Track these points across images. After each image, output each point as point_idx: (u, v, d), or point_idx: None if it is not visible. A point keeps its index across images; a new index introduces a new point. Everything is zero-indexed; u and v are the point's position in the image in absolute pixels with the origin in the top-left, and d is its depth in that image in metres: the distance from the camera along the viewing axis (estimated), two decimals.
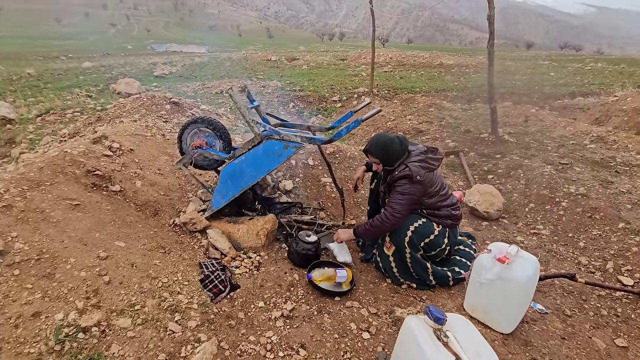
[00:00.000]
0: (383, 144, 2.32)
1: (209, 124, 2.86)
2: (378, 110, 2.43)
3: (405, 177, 2.24)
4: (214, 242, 2.58)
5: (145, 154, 3.38)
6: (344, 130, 2.50)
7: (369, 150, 2.38)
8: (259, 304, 2.16)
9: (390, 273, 2.47)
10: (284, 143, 2.56)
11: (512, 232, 3.22)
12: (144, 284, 2.04)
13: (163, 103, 4.73)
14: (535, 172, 4.02)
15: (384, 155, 2.32)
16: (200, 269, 2.31)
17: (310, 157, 4.20)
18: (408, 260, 2.37)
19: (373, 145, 2.36)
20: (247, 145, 2.68)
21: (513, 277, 1.91)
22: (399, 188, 2.24)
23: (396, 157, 2.31)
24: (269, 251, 2.71)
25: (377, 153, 2.34)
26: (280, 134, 2.59)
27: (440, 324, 1.42)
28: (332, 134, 2.56)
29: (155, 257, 2.30)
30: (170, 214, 2.84)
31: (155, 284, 2.08)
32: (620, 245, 2.75)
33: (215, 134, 2.89)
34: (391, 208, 2.24)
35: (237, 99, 2.58)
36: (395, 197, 2.25)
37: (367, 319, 2.12)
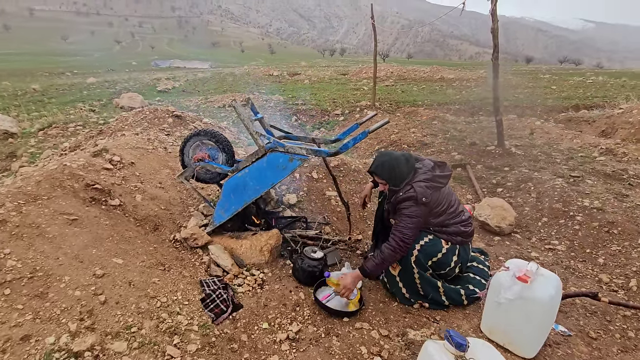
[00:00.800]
0: (389, 164, 2.21)
1: (211, 136, 2.80)
2: (386, 122, 2.36)
3: (410, 199, 2.12)
4: (215, 258, 2.47)
5: (146, 167, 3.30)
6: (351, 142, 2.42)
7: (375, 172, 2.28)
8: (262, 325, 2.04)
9: (400, 295, 2.34)
10: (289, 156, 2.48)
11: (526, 248, 3.09)
12: (142, 304, 1.92)
13: (165, 116, 4.70)
14: (546, 185, 3.91)
15: (390, 176, 2.22)
16: (201, 287, 2.20)
17: (315, 170, 4.12)
18: (417, 281, 2.25)
19: (378, 167, 2.25)
20: (250, 158, 2.60)
21: (535, 296, 1.78)
22: (405, 211, 2.12)
23: (402, 177, 2.21)
24: (272, 268, 2.59)
25: (383, 174, 2.24)
26: (284, 147, 2.51)
27: (462, 350, 1.30)
28: (338, 147, 2.48)
29: (154, 274, 2.19)
30: (170, 228, 2.74)
31: (154, 303, 1.97)
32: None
33: (218, 146, 2.82)
34: (400, 233, 2.11)
35: (241, 111, 2.52)
36: (402, 220, 2.13)
37: (379, 342, 1.98)
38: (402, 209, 2.14)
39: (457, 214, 2.34)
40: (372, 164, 2.30)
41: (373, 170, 2.28)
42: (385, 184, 2.27)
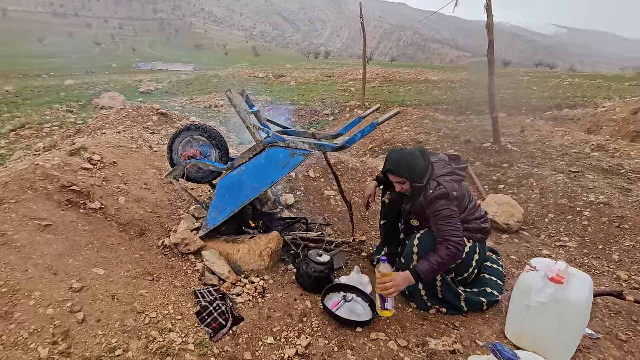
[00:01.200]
0: (406, 161, 2.01)
1: (203, 131, 2.55)
2: (397, 112, 2.18)
3: (442, 197, 1.95)
4: (210, 265, 2.23)
5: (130, 167, 3.02)
6: (358, 135, 2.23)
7: (393, 171, 2.05)
8: (267, 340, 1.81)
9: (418, 297, 2.16)
10: (290, 151, 2.27)
11: (537, 246, 2.97)
12: (128, 321, 1.67)
13: (150, 114, 4.40)
14: (549, 180, 3.83)
15: (411, 174, 2.02)
16: (195, 299, 1.95)
17: (312, 169, 3.92)
18: (438, 285, 2.07)
19: (395, 164, 2.03)
20: (247, 155, 2.38)
21: (570, 299, 1.63)
22: (444, 212, 1.93)
23: (423, 172, 2.03)
24: (274, 274, 2.36)
25: (403, 173, 2.02)
26: (285, 141, 2.30)
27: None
28: (345, 140, 2.28)
29: (142, 286, 1.93)
30: (159, 234, 2.47)
31: (142, 320, 1.71)
32: None
33: (211, 142, 2.57)
34: (453, 237, 1.90)
35: (237, 102, 2.29)
36: (446, 223, 1.92)
37: (398, 355, 1.78)
38: (438, 211, 1.95)
39: (475, 209, 2.19)
40: (386, 163, 2.08)
41: (391, 169, 2.05)
42: (404, 182, 2.07)
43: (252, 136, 2.33)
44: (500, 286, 2.30)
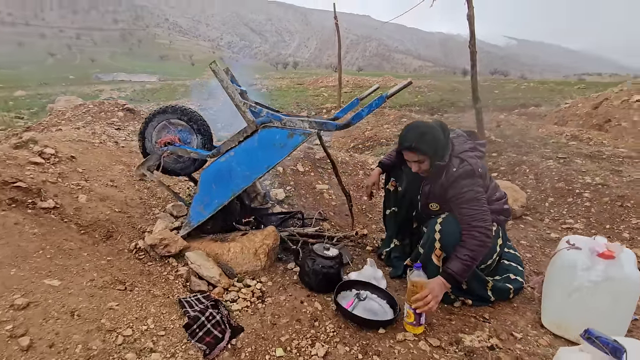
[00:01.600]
0: (430, 135, 1.75)
1: (182, 114, 2.19)
2: (408, 83, 1.94)
3: (468, 176, 1.72)
4: (196, 268, 1.85)
5: (92, 162, 2.58)
6: (365, 110, 1.98)
7: (415, 147, 1.76)
8: (276, 352, 1.47)
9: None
10: (288, 131, 1.97)
11: (544, 229, 2.84)
12: (93, 343, 1.27)
13: (115, 110, 3.92)
14: (541, 166, 3.77)
15: (435, 149, 1.76)
16: (181, 309, 1.58)
17: (299, 162, 3.62)
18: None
19: (419, 139, 1.75)
20: (237, 138, 2.05)
21: (624, 274, 1.43)
22: (469, 193, 1.70)
23: (445, 148, 1.80)
24: (272, 275, 2.03)
25: (427, 148, 1.75)
26: (282, 120, 2.00)
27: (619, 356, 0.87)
28: (349, 117, 2.02)
29: (111, 297, 1.53)
30: (130, 236, 2.07)
31: (112, 340, 1.32)
32: None
33: (192, 127, 2.22)
34: (481, 222, 1.67)
35: (223, 76, 1.97)
36: (473, 206, 1.69)
37: (432, 356, 1.51)
38: (462, 193, 1.71)
39: (496, 189, 1.99)
40: (406, 138, 1.79)
41: (412, 146, 1.76)
42: (423, 161, 1.81)
43: (242, 115, 2.01)
44: (521, 272, 2.11)
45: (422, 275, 1.63)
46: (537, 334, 1.71)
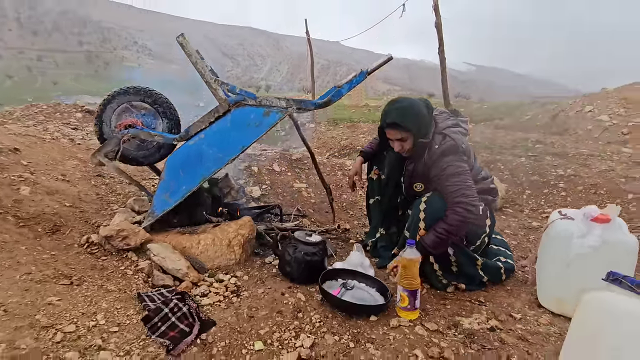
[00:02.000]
0: (413, 110, 1.67)
1: (146, 96, 2.00)
2: (389, 58, 1.88)
3: (450, 151, 1.65)
4: (160, 261, 1.62)
5: (40, 156, 2.29)
6: (345, 87, 1.89)
7: (398, 124, 1.67)
8: (255, 345, 1.25)
9: (431, 274, 1.76)
10: (264, 109, 1.83)
11: (525, 219, 2.82)
12: (22, 341, 1.02)
13: (72, 111, 3.62)
14: (514, 163, 3.85)
15: (419, 125, 1.68)
16: (141, 303, 1.33)
17: (275, 162, 3.46)
18: (451, 254, 1.70)
19: (401, 114, 1.66)
20: (207, 118, 1.88)
21: (623, 238, 1.37)
22: (451, 169, 1.62)
23: (428, 125, 1.72)
24: (248, 269, 1.82)
25: (411, 124, 1.66)
26: (257, 98, 1.86)
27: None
28: (330, 94, 1.92)
29: (51, 292, 1.27)
30: (82, 230, 1.79)
31: (49, 337, 1.07)
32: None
33: (157, 110, 2.02)
34: (463, 197, 1.57)
35: (191, 50, 1.81)
36: (455, 182, 1.60)
37: (431, 340, 1.35)
38: (443, 169, 1.63)
39: (481, 168, 1.93)
40: (389, 114, 1.70)
41: (395, 122, 1.67)
42: (406, 139, 1.72)
43: (214, 93, 1.85)
44: (510, 255, 2.04)
45: (415, 252, 1.50)
46: (535, 313, 1.61)
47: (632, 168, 3.53)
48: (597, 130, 7.62)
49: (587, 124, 8.16)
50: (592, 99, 8.86)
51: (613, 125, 7.51)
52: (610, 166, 3.48)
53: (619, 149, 4.91)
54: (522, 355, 1.31)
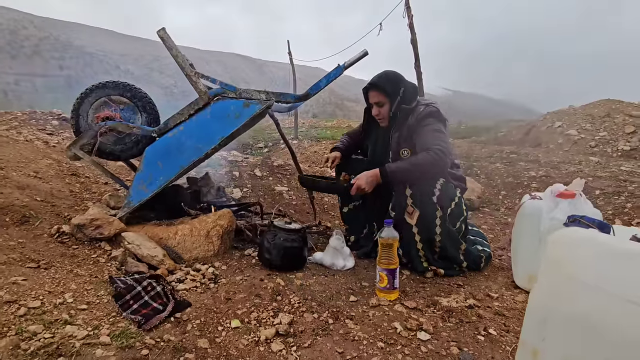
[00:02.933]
0: (397, 78, 1.80)
1: (124, 90, 2.01)
2: (365, 54, 1.96)
3: (432, 115, 1.74)
4: (135, 248, 1.57)
5: (12, 155, 2.22)
6: (323, 81, 1.96)
7: (377, 85, 1.78)
8: (231, 323, 1.22)
9: (413, 253, 1.76)
10: (244, 101, 1.86)
11: (502, 217, 2.90)
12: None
13: (49, 119, 3.55)
14: (490, 168, 3.99)
15: (397, 92, 1.78)
16: (112, 285, 1.29)
17: (257, 168, 3.46)
18: (437, 230, 1.73)
19: (383, 79, 1.79)
20: (187, 111, 1.89)
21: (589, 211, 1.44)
22: (432, 126, 1.71)
23: (412, 95, 1.82)
24: (227, 260, 1.78)
25: (389, 88, 1.77)
26: (237, 90, 1.90)
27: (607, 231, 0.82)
28: (309, 88, 1.98)
29: (17, 272, 1.21)
30: (52, 222, 1.73)
31: (11, 311, 1.01)
32: (612, 207, 2.61)
33: (136, 104, 2.03)
34: (437, 145, 1.64)
35: (172, 43, 1.85)
36: (433, 135, 1.68)
37: (410, 316, 1.35)
38: (426, 125, 1.72)
39: (455, 156, 2.00)
40: (374, 77, 1.82)
41: (377, 84, 1.77)
42: (384, 103, 1.80)
43: (194, 86, 1.88)
44: (487, 245, 2.08)
45: (393, 232, 1.52)
46: (512, 293, 1.64)
47: (599, 171, 3.74)
48: (568, 143, 8.05)
49: (558, 138, 8.60)
50: (560, 115, 9.39)
51: (581, 139, 7.96)
52: (579, 168, 3.67)
53: (587, 158, 5.20)
54: (499, 327, 1.33)
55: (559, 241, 0.77)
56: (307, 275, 1.66)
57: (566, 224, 0.95)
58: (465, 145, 7.84)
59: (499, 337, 1.25)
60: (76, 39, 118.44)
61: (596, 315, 0.64)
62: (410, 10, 5.32)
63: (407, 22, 5.12)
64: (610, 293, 0.63)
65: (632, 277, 0.63)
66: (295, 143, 10.77)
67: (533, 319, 0.78)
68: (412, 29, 5.15)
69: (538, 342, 0.75)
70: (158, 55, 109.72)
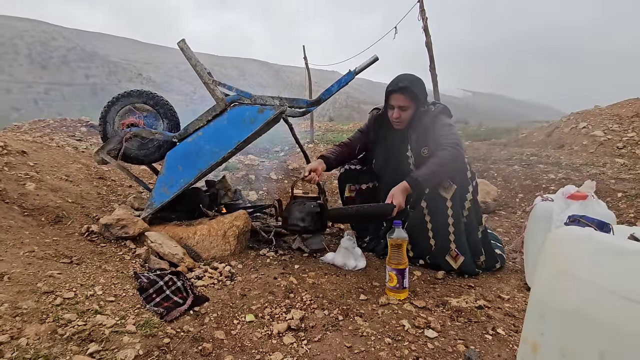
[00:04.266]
0: (422, 83, 1.89)
1: (148, 98, 2.13)
2: (375, 59, 2.02)
3: (443, 112, 1.85)
4: (157, 247, 1.67)
5: (46, 159, 2.39)
6: (335, 86, 2.02)
7: (410, 88, 1.81)
8: (246, 317, 1.29)
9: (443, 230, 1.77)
10: (258, 107, 1.95)
11: (517, 219, 2.87)
12: (24, 302, 1.07)
13: (77, 126, 3.77)
14: (507, 170, 3.94)
15: (424, 96, 1.89)
16: (137, 280, 1.38)
17: (273, 171, 3.56)
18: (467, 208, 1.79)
19: (414, 82, 1.85)
20: (205, 117, 1.99)
21: (601, 212, 1.43)
22: (444, 121, 1.81)
23: (426, 95, 1.92)
24: (243, 259, 1.86)
25: (419, 92, 1.85)
26: (252, 96, 1.98)
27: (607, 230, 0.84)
28: (320, 94, 2.04)
29: (52, 267, 1.33)
30: (82, 222, 1.86)
31: (49, 301, 1.12)
32: (635, 209, 2.55)
33: (158, 111, 2.15)
34: (451, 139, 1.72)
35: (191, 54, 1.96)
36: (444, 129, 1.77)
37: (419, 315, 1.38)
38: (437, 122, 1.81)
39: None
40: (400, 79, 1.86)
41: (409, 86, 1.82)
42: (408, 107, 1.86)
43: (211, 93, 1.98)
44: (502, 247, 2.08)
45: (402, 233, 1.55)
46: (523, 296, 1.64)
47: (623, 173, 3.62)
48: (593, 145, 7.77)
49: (583, 139, 8.31)
50: (585, 116, 9.07)
51: (608, 140, 7.66)
52: (602, 171, 3.57)
53: (612, 160, 5.03)
54: (508, 327, 1.34)
55: (555, 238, 0.80)
56: (319, 274, 1.72)
57: (566, 224, 0.96)
58: (484, 148, 7.71)
59: (507, 337, 1.26)
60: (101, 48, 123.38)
61: (590, 309, 0.67)
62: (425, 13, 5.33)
63: (422, 25, 5.13)
64: (604, 288, 0.66)
65: (625, 274, 0.66)
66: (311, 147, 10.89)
67: (532, 314, 0.81)
68: (427, 31, 5.15)
69: (537, 336, 0.78)
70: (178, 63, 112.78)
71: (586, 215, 0.89)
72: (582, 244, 0.73)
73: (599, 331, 0.66)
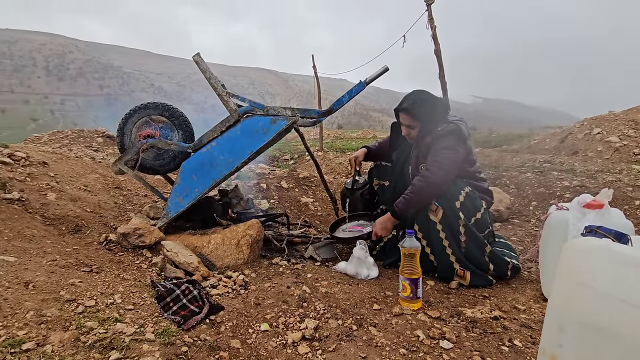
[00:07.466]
0: (431, 105, 1.84)
1: (163, 110, 2.19)
2: (385, 69, 2.04)
3: (451, 133, 1.78)
4: (173, 256, 1.71)
5: (65, 169, 2.47)
6: (346, 97, 2.05)
7: (409, 110, 1.84)
8: (261, 326, 1.31)
9: (440, 251, 1.78)
10: (271, 117, 1.99)
11: (531, 228, 2.83)
12: (48, 310, 1.10)
13: (94, 136, 3.88)
14: (520, 177, 3.89)
15: (428, 119, 1.83)
16: (154, 289, 1.41)
17: (284, 180, 3.59)
18: (461, 230, 1.75)
19: (417, 105, 1.83)
20: (219, 128, 2.04)
21: (618, 222, 1.41)
22: (444, 143, 1.75)
23: (440, 118, 1.85)
24: (256, 268, 1.88)
25: (421, 115, 1.83)
26: (264, 107, 2.03)
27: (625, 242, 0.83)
28: (332, 104, 2.08)
29: (73, 275, 1.37)
30: (101, 231, 1.91)
31: (71, 309, 1.15)
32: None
33: (173, 122, 2.21)
34: (438, 162, 1.71)
35: (205, 67, 2.02)
36: (440, 153, 1.74)
37: (434, 325, 1.38)
38: (439, 143, 1.76)
39: (480, 169, 2.02)
40: (406, 98, 1.88)
41: (408, 108, 1.83)
42: (414, 127, 1.86)
43: (225, 105, 2.03)
44: (516, 257, 2.05)
45: (415, 242, 1.55)
46: (540, 307, 1.61)
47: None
48: (608, 151, 7.61)
49: (597, 145, 8.13)
50: (599, 121, 8.91)
51: (624, 146, 7.49)
52: (618, 178, 3.50)
53: (629, 167, 4.92)
54: (525, 339, 1.32)
55: (573, 249, 0.80)
56: (331, 283, 1.72)
57: (583, 234, 0.96)
58: (495, 155, 7.62)
59: (524, 349, 1.25)
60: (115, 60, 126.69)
61: (608, 322, 0.66)
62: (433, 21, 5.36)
63: (431, 33, 5.16)
64: (622, 300, 0.65)
65: None
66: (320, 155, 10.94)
67: (550, 326, 0.80)
68: (436, 39, 5.16)
69: (556, 348, 0.78)
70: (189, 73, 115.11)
71: (603, 226, 0.89)
72: (600, 256, 0.73)
73: (617, 343, 0.66)
